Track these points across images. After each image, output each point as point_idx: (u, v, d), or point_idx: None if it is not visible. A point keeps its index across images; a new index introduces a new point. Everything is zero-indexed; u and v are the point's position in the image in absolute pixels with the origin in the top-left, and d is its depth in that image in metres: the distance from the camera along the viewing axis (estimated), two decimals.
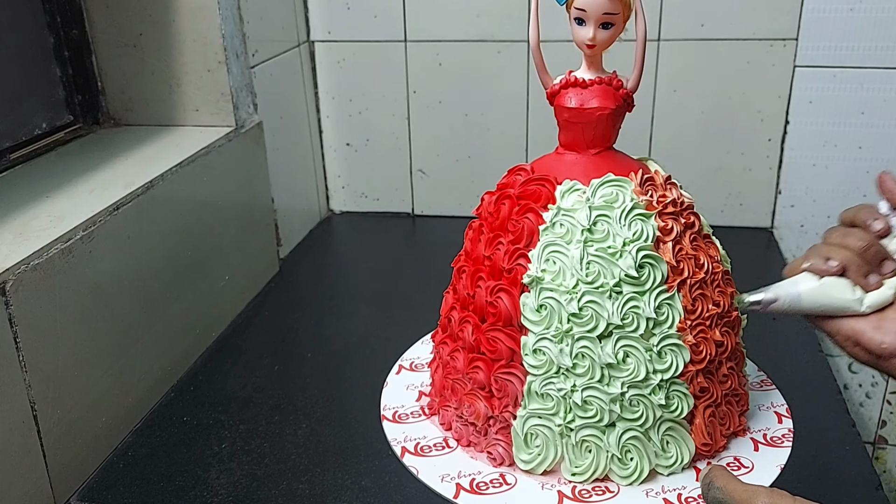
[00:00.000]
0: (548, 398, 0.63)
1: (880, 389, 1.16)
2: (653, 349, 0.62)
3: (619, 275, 0.61)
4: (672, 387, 0.62)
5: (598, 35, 0.62)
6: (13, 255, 0.62)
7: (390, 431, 0.71)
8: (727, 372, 0.66)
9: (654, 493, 0.63)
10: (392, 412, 0.74)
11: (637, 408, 0.62)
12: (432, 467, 0.67)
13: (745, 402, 0.70)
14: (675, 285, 0.63)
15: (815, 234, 1.10)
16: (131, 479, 0.69)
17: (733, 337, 0.67)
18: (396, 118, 1.17)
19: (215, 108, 0.93)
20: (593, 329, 0.61)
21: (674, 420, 0.63)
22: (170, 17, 0.89)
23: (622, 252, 0.62)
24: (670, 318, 0.62)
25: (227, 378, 0.83)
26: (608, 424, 0.62)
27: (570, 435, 0.63)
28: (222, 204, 0.91)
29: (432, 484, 0.65)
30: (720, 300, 0.65)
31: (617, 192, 0.63)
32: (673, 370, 0.62)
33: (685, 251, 0.64)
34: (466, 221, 0.71)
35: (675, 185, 0.67)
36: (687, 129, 1.09)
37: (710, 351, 0.64)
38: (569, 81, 0.66)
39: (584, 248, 0.62)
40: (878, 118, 1.03)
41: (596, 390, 0.62)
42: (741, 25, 1.03)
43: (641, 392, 0.62)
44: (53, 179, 0.78)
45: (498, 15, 1.08)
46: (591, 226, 0.62)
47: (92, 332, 0.69)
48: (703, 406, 0.65)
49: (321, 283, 1.05)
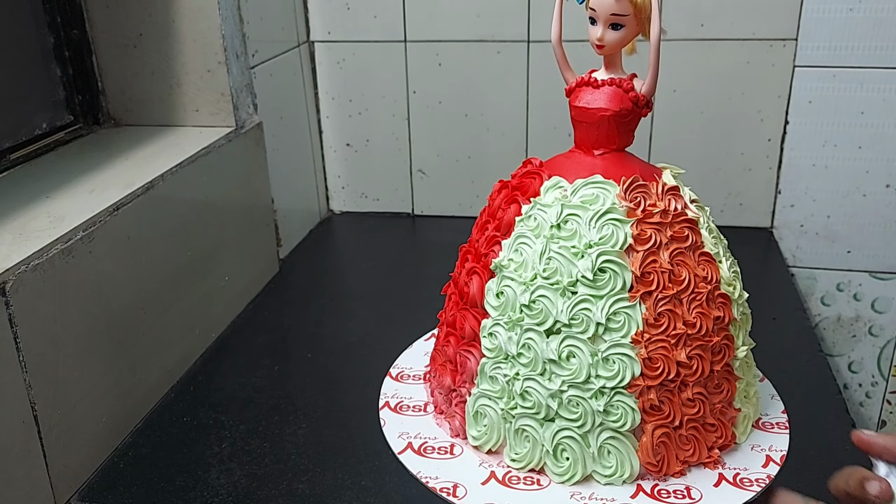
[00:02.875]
0: (495, 381, 0.65)
1: (880, 389, 1.16)
2: (599, 354, 0.61)
3: (577, 275, 0.62)
4: (616, 396, 0.61)
5: (607, 36, 0.62)
6: (13, 255, 0.62)
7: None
8: (693, 397, 0.63)
9: (580, 497, 0.63)
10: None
11: (576, 409, 0.62)
12: (399, 425, 0.71)
13: (726, 437, 0.66)
14: (637, 295, 0.61)
15: (815, 233, 1.10)
16: (131, 480, 0.69)
17: (707, 363, 0.63)
18: (396, 118, 1.17)
19: (215, 109, 0.93)
20: (541, 323, 0.62)
21: (617, 430, 0.62)
22: (170, 18, 0.89)
23: (584, 253, 0.62)
24: (626, 327, 0.61)
25: (227, 378, 0.83)
26: (546, 418, 0.63)
27: (512, 421, 0.65)
28: (222, 204, 0.91)
29: (390, 439, 0.69)
30: (698, 321, 0.62)
31: (598, 194, 0.63)
32: (618, 379, 0.61)
33: (659, 263, 0.62)
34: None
35: (680, 198, 0.65)
36: (687, 129, 1.09)
37: (670, 370, 0.61)
38: (583, 80, 0.66)
39: (548, 243, 0.63)
40: (878, 118, 1.03)
41: (536, 383, 0.63)
42: (741, 25, 1.03)
43: (581, 394, 0.62)
44: (53, 179, 0.78)
45: (498, 15, 1.08)
46: (559, 223, 0.63)
47: (92, 332, 0.69)
48: (655, 425, 0.62)
49: (321, 284, 1.05)
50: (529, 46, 1.09)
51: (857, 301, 1.12)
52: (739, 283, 0.67)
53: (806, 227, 1.11)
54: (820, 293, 1.13)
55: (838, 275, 1.12)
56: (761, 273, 1.04)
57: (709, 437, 0.65)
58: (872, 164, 1.05)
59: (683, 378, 0.62)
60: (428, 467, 0.66)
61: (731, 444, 0.67)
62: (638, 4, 0.61)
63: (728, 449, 0.66)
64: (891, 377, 1.15)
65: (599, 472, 0.63)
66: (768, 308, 0.74)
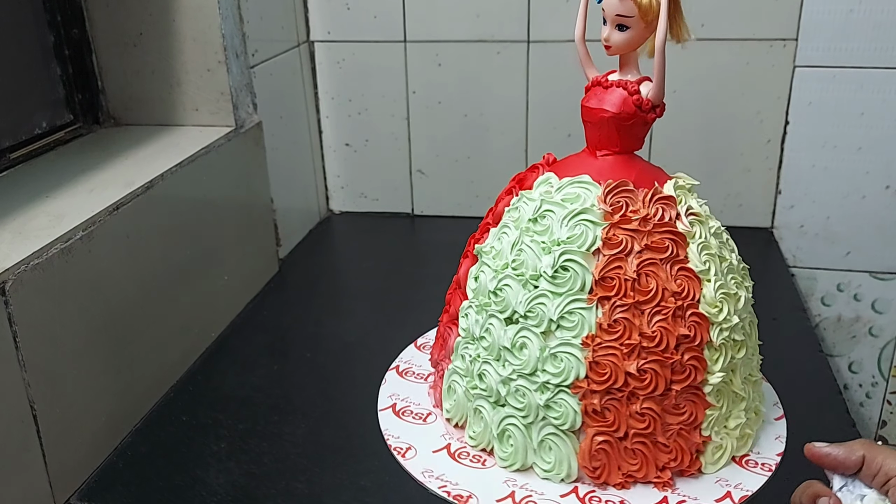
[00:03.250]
0: (463, 360, 0.68)
1: (880, 389, 1.16)
2: (547, 349, 0.62)
3: (540, 269, 0.63)
4: (560, 394, 0.62)
5: (613, 36, 0.62)
6: (13, 255, 0.62)
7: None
8: (642, 410, 0.61)
9: (513, 483, 0.64)
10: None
11: (522, 399, 0.63)
12: (393, 388, 0.77)
13: (683, 462, 0.63)
14: (595, 299, 0.61)
15: (815, 234, 1.10)
16: (130, 479, 0.69)
17: (663, 379, 0.61)
18: (396, 118, 1.17)
19: (215, 108, 0.93)
20: (503, 311, 0.64)
21: (558, 428, 0.63)
22: (170, 17, 0.89)
23: (550, 249, 0.63)
24: (578, 327, 0.61)
25: (226, 378, 0.83)
26: (497, 403, 0.65)
27: (471, 400, 0.67)
28: (222, 204, 0.91)
29: (381, 399, 0.75)
30: (658, 335, 0.60)
31: (580, 194, 0.64)
32: (562, 378, 0.61)
33: (624, 270, 0.61)
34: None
35: (673, 208, 0.63)
36: (686, 129, 1.09)
37: (617, 378, 0.60)
38: (597, 80, 0.66)
39: (522, 235, 0.65)
40: (878, 119, 1.03)
41: (492, 367, 0.65)
42: (741, 26, 1.03)
43: (528, 385, 0.63)
44: (53, 179, 0.78)
45: (498, 15, 1.08)
46: (536, 217, 0.64)
47: (91, 331, 0.69)
48: (597, 430, 0.62)
49: (320, 284, 1.05)
50: (529, 46, 1.09)
51: (857, 301, 1.12)
52: (732, 307, 0.63)
53: (806, 228, 1.11)
54: (820, 293, 1.13)
55: (838, 275, 1.12)
56: (761, 273, 1.04)
57: (660, 457, 0.63)
58: (872, 166, 1.05)
59: (633, 389, 0.61)
60: (397, 428, 0.71)
61: (694, 472, 0.64)
62: (643, 6, 0.60)
63: (689, 475, 0.64)
64: (891, 377, 1.15)
65: (539, 466, 0.65)
66: (768, 308, 0.74)
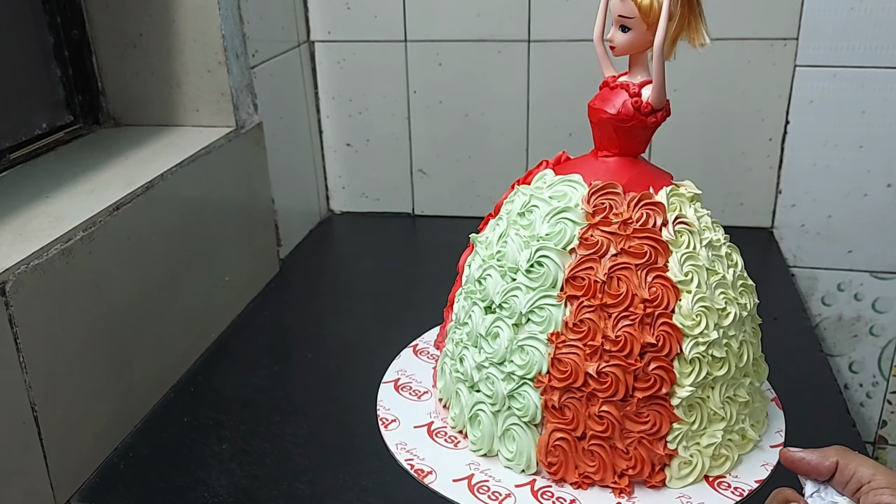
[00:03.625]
0: (451, 344, 0.70)
1: (881, 389, 1.16)
2: (516, 340, 0.63)
3: (518, 263, 0.64)
4: (523, 385, 0.63)
5: (616, 37, 0.62)
6: (13, 255, 0.62)
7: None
8: (601, 413, 0.61)
9: (475, 466, 0.66)
10: None
11: (492, 387, 0.65)
12: (397, 364, 0.80)
13: (643, 472, 0.62)
14: (564, 296, 0.62)
15: (816, 233, 1.10)
16: (131, 480, 0.69)
17: (623, 385, 0.60)
18: (396, 118, 1.17)
19: (215, 109, 0.93)
20: (483, 299, 0.66)
21: (520, 419, 0.64)
22: (170, 17, 0.89)
23: (529, 244, 0.64)
24: (546, 323, 0.62)
25: (226, 378, 0.83)
26: (472, 388, 0.67)
27: (452, 383, 0.70)
28: (222, 204, 0.91)
29: (387, 375, 0.78)
30: (623, 339, 0.60)
31: (567, 192, 0.65)
32: (526, 370, 0.63)
33: (595, 272, 0.61)
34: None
35: (660, 215, 0.62)
36: (687, 128, 1.09)
37: (577, 377, 0.61)
38: (607, 81, 0.66)
39: (509, 228, 0.66)
40: (879, 118, 1.03)
41: (469, 352, 0.67)
42: (741, 25, 1.03)
43: (497, 374, 0.65)
44: (53, 179, 0.78)
45: (498, 15, 1.08)
46: (523, 211, 0.66)
47: (92, 332, 0.69)
48: (555, 426, 0.62)
49: (321, 284, 1.05)
50: (530, 46, 1.09)
51: (857, 301, 1.12)
52: (712, 322, 0.62)
53: (807, 227, 1.11)
54: (821, 293, 1.13)
55: (839, 275, 1.12)
56: (762, 273, 1.04)
57: (619, 463, 0.62)
58: (873, 164, 1.05)
59: (593, 390, 0.61)
60: (393, 402, 0.74)
61: (656, 484, 0.63)
62: (643, 8, 0.60)
63: (651, 486, 0.63)
64: (891, 377, 1.15)
65: (503, 454, 0.66)
66: (769, 308, 0.74)
